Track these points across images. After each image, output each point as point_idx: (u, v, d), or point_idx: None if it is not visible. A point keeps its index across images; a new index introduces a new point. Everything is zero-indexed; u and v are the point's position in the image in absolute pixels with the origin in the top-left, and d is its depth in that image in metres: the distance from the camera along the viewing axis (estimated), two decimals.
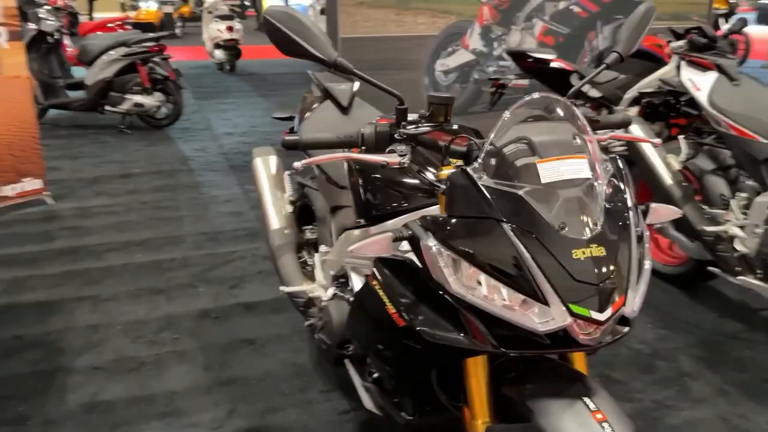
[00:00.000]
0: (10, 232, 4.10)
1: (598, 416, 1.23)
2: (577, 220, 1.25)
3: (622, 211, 1.32)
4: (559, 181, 1.27)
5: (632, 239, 1.29)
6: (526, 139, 1.30)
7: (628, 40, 1.67)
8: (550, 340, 1.26)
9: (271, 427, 2.33)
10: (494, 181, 1.29)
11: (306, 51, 1.41)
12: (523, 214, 1.25)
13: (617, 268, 1.25)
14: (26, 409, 2.41)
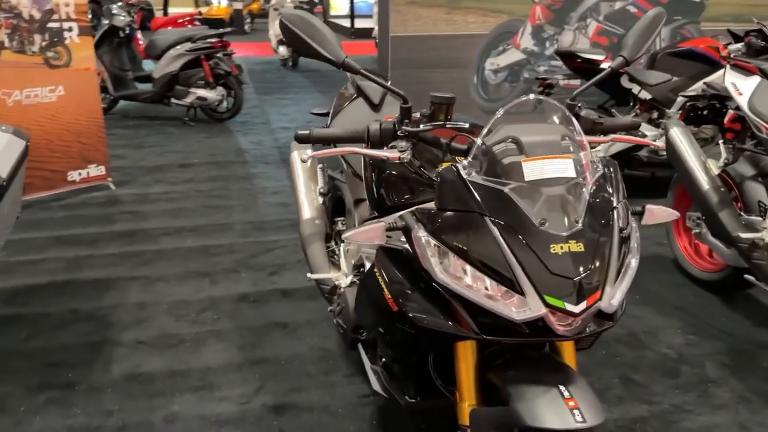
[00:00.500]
0: (75, 214, 4.40)
1: (570, 403, 1.30)
2: (559, 217, 1.32)
3: (606, 210, 1.38)
4: (543, 179, 1.34)
5: (614, 237, 1.35)
6: (515, 139, 1.38)
7: (635, 44, 1.71)
8: (529, 330, 1.33)
9: (294, 405, 2.46)
10: (483, 177, 1.37)
11: (316, 52, 1.52)
12: (507, 209, 1.32)
13: (596, 264, 1.31)
14: (74, 376, 2.63)
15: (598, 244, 1.32)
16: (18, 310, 3.13)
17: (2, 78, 4.18)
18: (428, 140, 1.59)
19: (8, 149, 2.43)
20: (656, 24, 1.74)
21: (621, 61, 1.72)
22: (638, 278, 3.44)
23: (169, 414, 2.41)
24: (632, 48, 1.72)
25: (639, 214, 1.59)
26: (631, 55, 1.72)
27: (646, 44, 1.73)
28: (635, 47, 1.72)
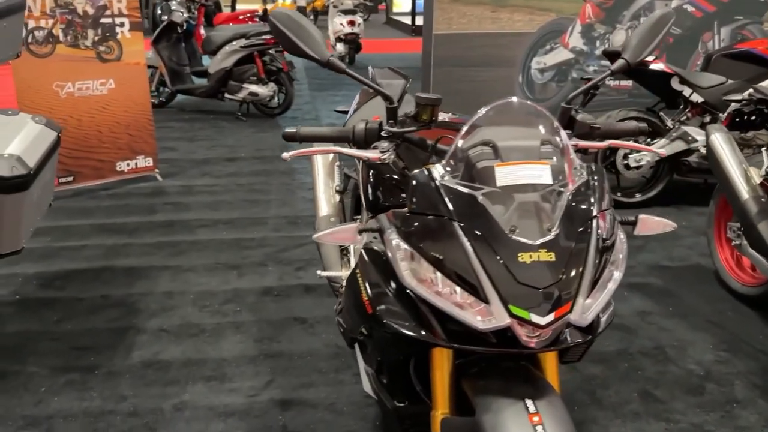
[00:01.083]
0: (120, 204, 4.56)
1: (534, 418, 1.25)
2: (530, 225, 1.27)
3: (585, 218, 1.32)
4: (517, 185, 1.29)
5: (591, 247, 1.29)
6: (491, 143, 1.34)
7: (638, 46, 1.63)
8: (497, 340, 1.29)
9: (301, 400, 2.48)
10: (456, 181, 1.34)
11: (302, 50, 1.52)
12: (477, 215, 1.28)
13: (567, 274, 1.25)
14: (96, 360, 2.72)
15: (572, 254, 1.27)
16: (54, 294, 3.27)
17: (56, 71, 4.37)
18: (414, 141, 1.56)
19: (38, 140, 2.53)
20: (663, 24, 1.65)
21: (622, 63, 1.65)
22: (674, 289, 3.34)
23: (179, 402, 2.47)
24: (635, 49, 1.64)
25: (631, 224, 1.51)
26: (633, 58, 1.64)
27: (650, 46, 1.65)
28: (638, 49, 1.64)
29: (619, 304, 3.21)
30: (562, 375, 2.62)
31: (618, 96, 5.28)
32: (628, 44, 1.66)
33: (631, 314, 3.13)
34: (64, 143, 4.46)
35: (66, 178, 4.57)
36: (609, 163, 4.50)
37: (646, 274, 3.55)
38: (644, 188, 4.58)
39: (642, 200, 4.51)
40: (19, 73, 4.22)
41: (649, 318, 3.09)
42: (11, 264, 3.57)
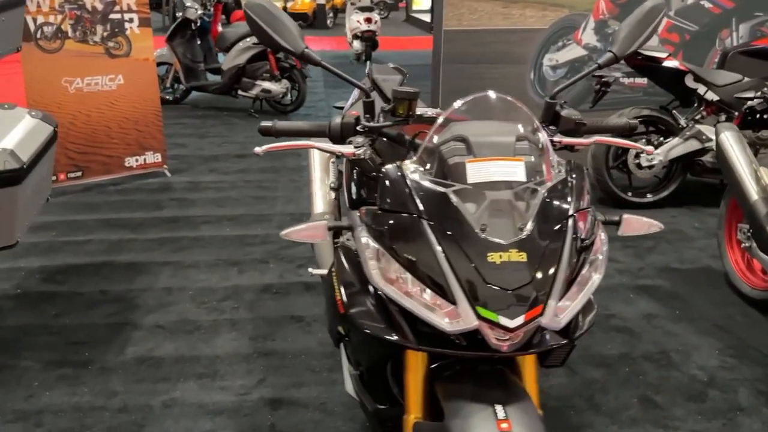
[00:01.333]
0: (127, 199, 4.57)
1: (503, 425, 1.20)
2: (501, 224, 1.21)
3: (561, 218, 1.26)
4: (489, 182, 1.24)
5: (565, 248, 1.23)
6: (463, 138, 1.28)
7: (626, 39, 1.56)
8: (468, 342, 1.24)
9: (292, 400, 2.44)
10: (427, 177, 1.29)
11: (276, 42, 1.48)
12: (446, 213, 1.24)
13: (539, 275, 1.20)
14: (90, 355, 2.72)
15: (545, 254, 1.21)
16: (55, 288, 3.27)
17: (65, 66, 4.39)
18: (392, 137, 1.52)
19: (33, 134, 2.53)
20: (653, 17, 1.58)
21: (609, 57, 1.58)
22: (682, 292, 3.25)
23: (169, 399, 2.45)
24: (623, 43, 1.57)
25: (615, 224, 1.45)
26: (620, 51, 1.57)
27: (639, 39, 1.58)
28: (626, 42, 1.57)
29: (624, 307, 3.13)
30: (559, 378, 2.56)
31: (632, 94, 5.16)
32: (617, 37, 1.60)
33: (637, 317, 3.05)
34: (73, 139, 4.50)
35: (75, 173, 4.60)
36: (621, 163, 4.41)
37: (654, 277, 3.46)
38: (656, 189, 4.47)
39: (653, 201, 4.41)
40: (28, 69, 4.24)
41: (654, 321, 3.01)
42: (16, 257, 3.59)
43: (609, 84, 4.24)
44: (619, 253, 3.73)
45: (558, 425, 2.32)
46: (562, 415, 2.37)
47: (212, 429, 2.30)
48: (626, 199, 4.40)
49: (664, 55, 4.18)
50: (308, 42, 1.56)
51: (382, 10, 20.83)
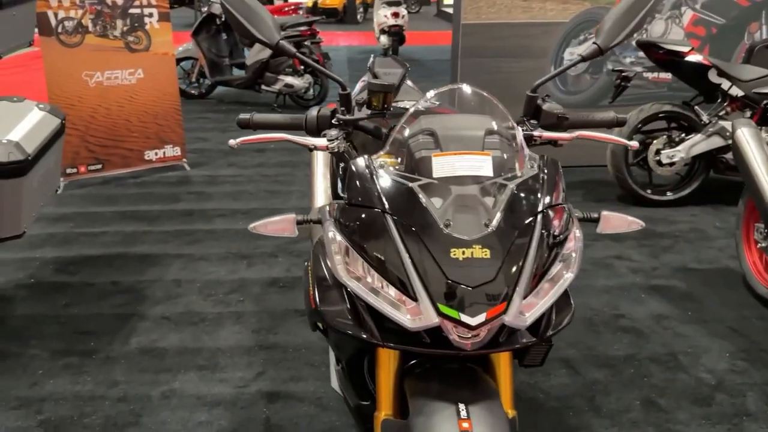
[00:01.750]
0: (146, 192, 4.63)
1: (464, 425, 1.17)
2: (466, 219, 1.19)
3: (529, 213, 1.23)
4: (456, 176, 1.21)
5: (533, 244, 1.20)
6: (432, 131, 1.26)
7: (612, 30, 1.52)
8: (432, 340, 1.21)
9: (288, 393, 2.45)
10: (395, 171, 1.26)
11: (251, 33, 1.47)
12: (411, 208, 1.21)
13: (504, 272, 1.16)
14: (96, 345, 2.76)
15: (511, 251, 1.18)
16: (67, 279, 3.34)
17: (85, 60, 4.46)
18: (368, 130, 1.49)
19: (40, 127, 2.57)
20: (640, 6, 1.53)
21: (594, 49, 1.53)
22: (697, 293, 3.16)
23: (168, 390, 2.47)
24: (607, 34, 1.52)
25: (594, 222, 1.41)
26: (605, 43, 1.52)
27: (626, 30, 1.52)
28: (611, 33, 1.52)
29: (634, 307, 3.06)
30: (560, 378, 2.52)
31: (656, 89, 5.04)
32: (601, 28, 1.55)
33: (646, 318, 2.97)
34: (93, 132, 4.57)
35: (95, 165, 4.68)
36: (641, 159, 4.31)
37: (669, 277, 3.37)
38: (677, 186, 4.36)
39: (674, 199, 4.30)
40: (49, 63, 4.33)
41: (665, 323, 2.94)
42: (32, 248, 3.67)
43: (629, 79, 4.14)
44: (634, 252, 3.65)
45: (556, 426, 2.28)
46: (560, 416, 2.33)
47: (208, 420, 2.31)
48: (646, 197, 4.31)
49: (686, 48, 4.06)
50: (337, 37, 1.55)
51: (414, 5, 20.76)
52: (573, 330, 2.86)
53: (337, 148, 1.46)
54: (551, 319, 1.30)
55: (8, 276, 3.36)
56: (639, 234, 3.89)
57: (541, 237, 1.21)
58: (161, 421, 2.30)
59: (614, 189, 4.49)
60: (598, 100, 5.00)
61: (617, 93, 4.22)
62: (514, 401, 1.39)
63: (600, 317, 2.97)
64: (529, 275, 1.18)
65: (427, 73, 9.84)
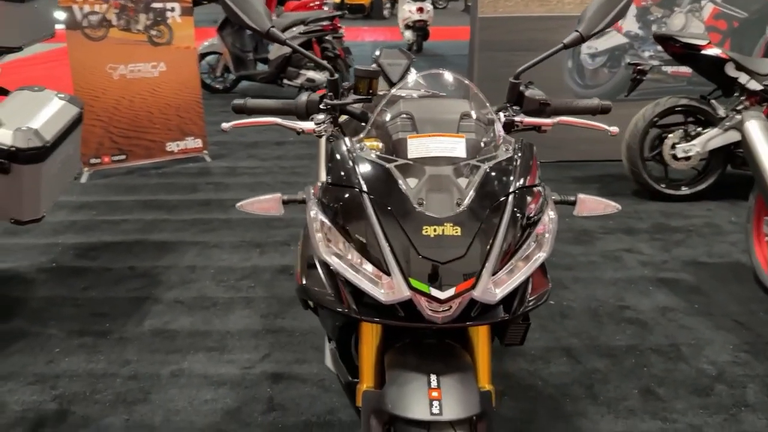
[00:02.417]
0: (167, 182, 4.75)
1: (434, 394, 1.22)
2: (438, 198, 1.24)
3: (501, 194, 1.27)
4: (430, 158, 1.26)
5: (502, 224, 1.24)
6: (409, 114, 1.31)
7: (593, 17, 1.55)
8: (405, 313, 1.27)
9: (292, 375, 2.52)
10: (373, 152, 1.32)
11: (242, 20, 1.53)
12: (386, 187, 1.26)
13: (473, 249, 1.21)
14: (110, 326, 2.87)
15: (481, 229, 1.22)
16: (87, 263, 3.46)
17: (109, 53, 4.59)
18: (355, 114, 1.55)
19: (59, 115, 2.68)
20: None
21: (575, 36, 1.57)
22: (705, 287, 3.16)
23: (177, 369, 2.56)
24: (589, 22, 1.55)
25: (570, 204, 1.44)
26: (586, 31, 1.55)
27: (608, 18, 1.55)
28: (593, 21, 1.55)
29: (641, 299, 3.06)
30: (560, 366, 2.55)
31: (675, 83, 5.00)
32: (583, 16, 1.58)
33: (652, 310, 2.98)
34: (117, 123, 4.70)
35: (119, 156, 4.81)
36: (657, 154, 4.29)
37: (678, 270, 3.36)
38: (693, 181, 4.33)
39: (689, 194, 4.28)
40: (75, 56, 4.46)
41: (670, 314, 2.94)
42: (56, 234, 3.80)
43: (645, 72, 4.13)
44: (645, 245, 3.65)
45: (552, 413, 2.31)
46: (557, 403, 2.36)
47: (213, 398, 2.39)
48: (661, 192, 4.29)
49: (703, 42, 4.03)
50: (363, 32, 1.61)
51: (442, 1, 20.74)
52: (576, 320, 2.89)
53: (324, 131, 1.52)
54: (525, 297, 1.34)
55: (32, 260, 3.49)
56: (652, 228, 3.88)
57: (512, 217, 1.25)
58: (169, 399, 2.39)
59: (630, 183, 4.48)
60: (617, 93, 4.98)
61: (633, 87, 4.21)
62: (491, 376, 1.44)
63: (605, 308, 2.99)
64: (499, 252, 1.23)
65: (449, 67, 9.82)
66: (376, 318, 1.29)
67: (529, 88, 1.60)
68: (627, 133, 4.26)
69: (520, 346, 2.70)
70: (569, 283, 3.23)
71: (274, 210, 1.43)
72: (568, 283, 3.23)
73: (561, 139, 4.92)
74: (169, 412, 2.32)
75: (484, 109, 1.37)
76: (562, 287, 3.18)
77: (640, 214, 4.11)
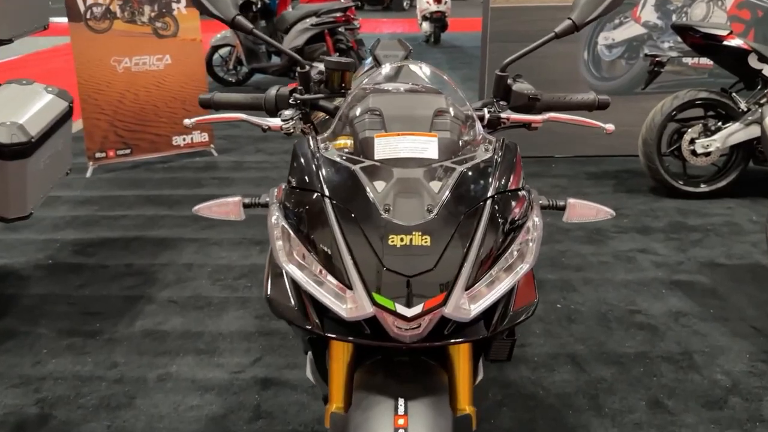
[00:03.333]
0: (171, 177, 4.68)
1: (400, 421, 1.11)
2: (407, 204, 1.11)
3: (478, 199, 1.14)
4: (399, 159, 1.14)
5: (478, 232, 1.12)
6: (377, 110, 1.18)
7: (587, 5, 1.41)
8: (372, 331, 1.15)
9: (282, 381, 2.42)
10: (336, 152, 1.20)
11: (207, 8, 1.43)
12: (351, 191, 1.15)
13: (444, 261, 1.09)
14: (101, 326, 2.79)
15: (454, 238, 1.10)
16: (84, 260, 3.39)
17: (114, 46, 4.52)
18: (327, 110, 1.43)
19: (46, 110, 2.60)
20: None
21: (568, 25, 1.44)
22: (722, 290, 3.00)
23: (164, 373, 2.48)
24: (582, 10, 1.42)
25: (559, 210, 1.31)
26: (580, 19, 1.42)
27: (602, 6, 1.41)
28: (586, 9, 1.42)
29: (653, 303, 2.92)
30: (563, 375, 2.42)
31: (697, 76, 4.79)
32: (576, 3, 1.44)
33: (664, 315, 2.83)
34: (122, 117, 4.64)
35: (124, 150, 4.75)
36: (675, 149, 4.11)
37: (694, 272, 3.20)
38: (713, 178, 4.15)
39: (708, 191, 4.09)
40: (78, 49, 4.40)
41: (683, 320, 2.79)
42: (55, 230, 3.75)
43: (663, 64, 3.96)
44: (660, 246, 3.49)
45: (552, 425, 2.18)
46: (558, 415, 2.23)
47: (199, 405, 2.30)
48: (679, 189, 4.11)
49: (725, 32, 3.84)
50: (382, 24, 1.51)
51: None
52: (584, 325, 2.75)
53: (292, 129, 1.40)
54: (508, 311, 1.22)
55: (29, 256, 3.44)
56: (667, 227, 3.72)
57: (490, 224, 1.13)
58: (153, 404, 2.31)
59: (647, 180, 4.31)
60: (634, 86, 4.80)
61: (650, 79, 4.04)
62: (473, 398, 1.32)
63: (614, 313, 2.84)
64: (473, 264, 1.10)
65: (467, 59, 9.68)
66: (342, 335, 1.18)
67: (517, 82, 1.47)
68: (644, 128, 4.08)
69: (522, 352, 2.58)
70: (578, 284, 3.08)
71: (233, 214, 1.32)
72: (577, 284, 3.08)
73: (575, 133, 4.76)
74: (152, 418, 2.24)
75: (463, 105, 1.25)
76: (571, 289, 3.04)
77: (656, 212, 3.94)
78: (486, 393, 2.33)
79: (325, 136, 1.26)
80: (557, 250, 3.43)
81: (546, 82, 4.50)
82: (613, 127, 1.49)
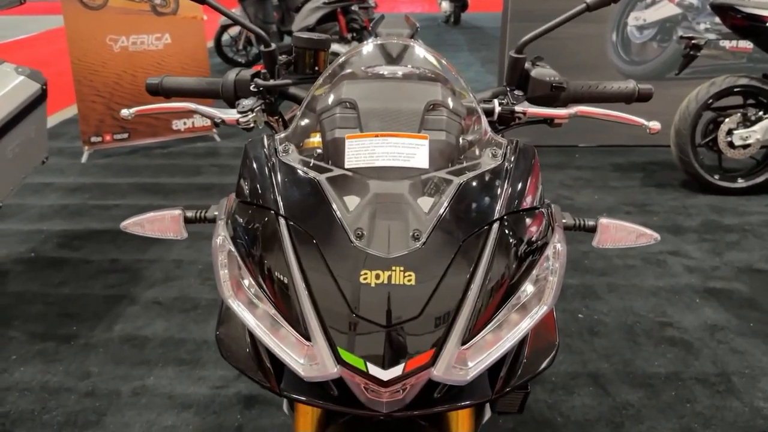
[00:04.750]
0: (170, 163, 4.44)
1: None
2: (386, 228, 0.84)
3: (481, 222, 0.86)
4: (377, 167, 0.86)
5: (481, 266, 0.84)
6: (352, 102, 0.90)
7: None
8: (339, 392, 0.88)
9: (267, 399, 2.17)
10: (301, 157, 0.92)
11: None
12: (312, 208, 0.87)
13: (434, 306, 0.81)
14: (77, 330, 2.56)
15: (447, 275, 0.82)
16: (67, 254, 3.16)
17: (110, 24, 4.26)
18: (296, 98, 1.16)
19: (13, 92, 2.35)
20: None
21: (582, 7, 1.15)
22: (762, 300, 2.68)
23: (140, 386, 2.24)
24: None
25: (589, 231, 1.02)
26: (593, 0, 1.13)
27: None
28: None
29: (685, 315, 2.62)
30: (584, 398, 2.14)
31: (734, 60, 4.43)
32: None
33: (699, 328, 2.53)
34: (119, 99, 4.39)
35: (121, 134, 4.51)
36: (710, 140, 3.78)
37: (731, 278, 2.89)
38: (751, 172, 3.81)
39: (746, 186, 3.76)
40: (71, 26, 4.15)
41: (719, 335, 2.49)
42: (42, 220, 3.53)
43: (699, 47, 3.61)
44: (693, 248, 3.17)
45: None
46: None
47: (174, 425, 2.06)
48: (713, 183, 3.78)
49: (765, 12, 3.48)
50: (399, 4, 1.23)
51: None
52: (608, 339, 2.46)
53: (252, 123, 1.13)
54: (519, 362, 0.94)
55: (10, 249, 3.22)
56: (700, 227, 3.40)
57: (497, 254, 0.85)
58: (124, 423, 2.07)
59: (678, 173, 3.98)
60: (667, 71, 4.45)
61: (685, 63, 3.69)
62: None
63: (642, 325, 2.55)
64: (472, 310, 0.82)
65: (488, 41, 9.31)
66: (302, 396, 0.91)
67: (536, 66, 1.18)
68: (677, 116, 3.75)
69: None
70: (602, 292, 2.79)
71: (172, 232, 1.06)
72: (601, 292, 2.79)
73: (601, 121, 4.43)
74: None
75: (464, 96, 0.97)
76: (595, 297, 2.75)
77: (688, 209, 3.62)
78: (495, 419, 2.06)
79: (284, 135, 0.98)
80: (580, 251, 3.14)
81: (568, 67, 4.18)
82: (659, 125, 1.19)
